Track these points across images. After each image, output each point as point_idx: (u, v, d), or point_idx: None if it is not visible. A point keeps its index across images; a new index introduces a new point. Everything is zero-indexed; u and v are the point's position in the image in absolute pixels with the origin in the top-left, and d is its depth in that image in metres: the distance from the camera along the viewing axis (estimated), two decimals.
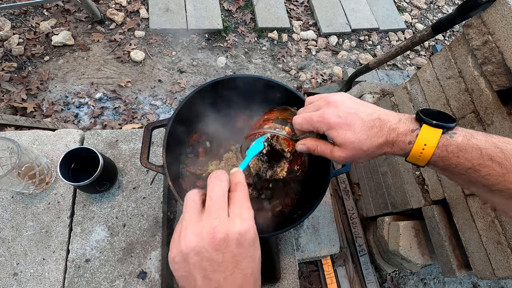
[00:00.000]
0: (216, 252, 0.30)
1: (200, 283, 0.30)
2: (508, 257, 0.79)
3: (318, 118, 0.41)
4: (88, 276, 0.72)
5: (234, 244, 0.30)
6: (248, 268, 0.31)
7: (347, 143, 0.39)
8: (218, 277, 0.30)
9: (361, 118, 0.38)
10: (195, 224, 0.31)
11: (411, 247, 1.12)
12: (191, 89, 1.76)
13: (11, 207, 0.76)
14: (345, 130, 0.39)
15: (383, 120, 0.38)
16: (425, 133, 0.36)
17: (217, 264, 0.30)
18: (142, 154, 0.66)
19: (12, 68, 1.55)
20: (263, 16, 2.09)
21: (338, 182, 1.50)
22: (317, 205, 0.65)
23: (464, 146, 0.35)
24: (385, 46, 2.30)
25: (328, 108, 0.41)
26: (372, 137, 0.38)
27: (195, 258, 0.30)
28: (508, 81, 0.78)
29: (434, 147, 0.36)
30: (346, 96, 0.42)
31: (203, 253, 0.30)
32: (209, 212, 0.32)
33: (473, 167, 0.35)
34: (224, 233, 0.30)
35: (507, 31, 0.76)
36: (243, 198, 0.34)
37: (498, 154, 0.33)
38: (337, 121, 0.39)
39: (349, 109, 0.39)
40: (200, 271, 0.30)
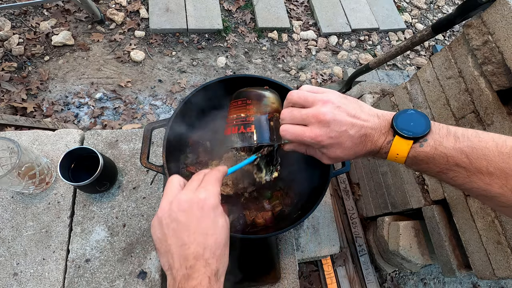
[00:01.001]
0: (181, 213, 0.37)
1: (170, 241, 0.37)
2: (508, 257, 0.79)
3: (311, 140, 0.41)
4: (88, 276, 0.72)
5: (196, 207, 0.37)
6: (209, 229, 0.37)
7: (337, 158, 0.43)
8: (182, 235, 0.37)
9: (351, 136, 0.40)
10: (170, 196, 0.39)
11: (411, 247, 1.12)
12: (191, 89, 1.76)
13: (11, 207, 0.76)
14: (336, 149, 0.41)
15: (368, 135, 0.40)
16: (397, 145, 0.39)
17: (182, 224, 0.37)
18: (142, 154, 0.66)
19: (12, 68, 1.55)
20: (263, 16, 2.09)
21: (338, 182, 1.50)
22: (317, 205, 0.65)
23: (432, 155, 0.38)
24: (385, 46, 2.30)
25: (320, 128, 0.40)
26: (357, 151, 0.41)
27: (167, 219, 0.38)
28: (508, 81, 0.78)
29: (405, 157, 0.39)
30: (335, 108, 0.40)
31: (172, 215, 0.38)
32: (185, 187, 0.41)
33: (441, 171, 0.38)
34: (189, 198, 0.38)
35: (507, 31, 0.76)
36: (211, 177, 0.41)
37: (464, 159, 0.36)
38: (329, 143, 0.40)
39: (340, 127, 0.40)
40: (170, 230, 0.37)
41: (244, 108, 0.52)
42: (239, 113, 0.52)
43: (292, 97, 0.44)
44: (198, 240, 0.36)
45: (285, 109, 0.45)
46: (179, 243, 0.36)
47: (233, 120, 0.52)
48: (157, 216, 0.38)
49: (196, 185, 0.40)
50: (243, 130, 0.50)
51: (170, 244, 0.37)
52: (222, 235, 0.38)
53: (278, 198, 0.79)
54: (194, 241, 0.36)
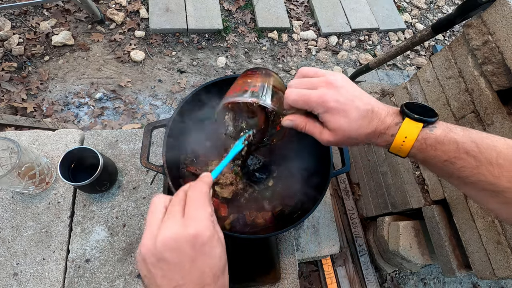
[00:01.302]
0: (170, 253, 0.31)
1: (160, 281, 0.31)
2: (508, 257, 0.79)
3: (317, 99, 0.39)
4: (88, 276, 0.72)
5: (186, 245, 0.31)
6: (206, 266, 0.32)
7: (340, 130, 0.39)
8: (175, 275, 0.31)
9: (358, 107, 0.38)
10: (153, 228, 0.33)
11: (411, 247, 1.12)
12: (191, 89, 1.76)
13: (11, 207, 0.76)
14: (341, 116, 0.39)
15: (375, 112, 0.39)
16: (407, 127, 0.37)
17: (173, 264, 0.31)
18: (142, 154, 0.66)
19: (12, 68, 1.55)
20: (263, 16, 2.09)
21: (338, 182, 1.50)
22: (317, 205, 0.65)
23: (442, 139, 0.36)
24: (385, 46, 2.30)
25: (328, 90, 0.39)
26: (362, 127, 0.39)
27: (151, 259, 0.32)
28: (508, 81, 0.78)
29: (414, 140, 0.37)
30: (345, 79, 0.40)
31: (157, 254, 0.31)
32: (167, 214, 0.34)
33: (449, 159, 0.36)
34: (175, 235, 0.31)
35: (507, 31, 0.76)
36: (196, 196, 0.35)
37: (474, 148, 0.35)
38: (335, 106, 0.38)
39: (348, 94, 0.39)
40: (159, 270, 0.32)
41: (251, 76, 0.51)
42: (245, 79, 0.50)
43: (302, 69, 0.43)
44: (194, 280, 0.32)
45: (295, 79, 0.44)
46: (172, 284, 0.31)
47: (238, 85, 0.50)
48: (141, 253, 0.32)
49: (179, 210, 0.34)
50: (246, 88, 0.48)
51: (160, 285, 0.31)
52: (220, 266, 0.34)
53: (278, 198, 0.79)
54: (190, 282, 0.31)
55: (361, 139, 0.40)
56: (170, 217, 0.33)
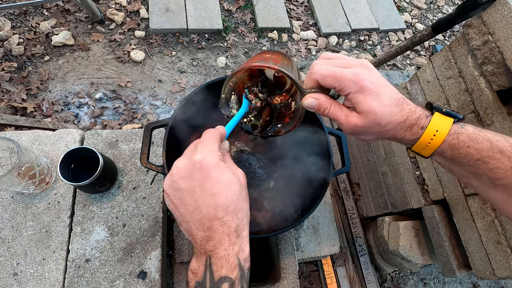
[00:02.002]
0: (182, 180, 0.37)
1: (181, 211, 0.37)
2: (508, 257, 0.79)
3: (351, 76, 0.36)
4: (88, 276, 0.72)
5: (195, 171, 0.36)
6: (214, 188, 0.36)
7: (370, 113, 0.36)
8: (189, 201, 0.36)
9: (390, 93, 0.37)
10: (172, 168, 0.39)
11: (411, 247, 1.12)
12: (191, 89, 1.76)
13: (11, 207, 0.76)
14: (374, 98, 0.36)
15: (406, 101, 0.37)
16: (437, 120, 0.36)
17: (186, 191, 0.36)
18: (142, 154, 0.66)
19: (12, 68, 1.55)
20: (263, 16, 2.09)
21: (338, 182, 1.50)
22: (317, 205, 0.65)
23: (475, 137, 0.35)
24: (385, 46, 2.30)
25: (362, 69, 0.37)
26: (394, 114, 0.36)
27: (171, 191, 0.38)
28: (508, 81, 0.78)
29: (446, 133, 0.35)
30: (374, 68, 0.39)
31: (173, 185, 0.37)
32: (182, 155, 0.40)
33: (482, 158, 0.34)
34: (186, 164, 0.37)
35: (507, 31, 0.76)
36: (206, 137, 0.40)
37: (509, 148, 0.33)
38: (369, 86, 0.36)
39: (381, 79, 0.37)
40: (178, 200, 0.37)
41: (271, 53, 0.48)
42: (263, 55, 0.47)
43: (327, 53, 0.41)
44: (206, 202, 0.35)
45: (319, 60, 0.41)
46: (189, 209, 0.36)
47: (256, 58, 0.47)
48: (164, 189, 0.38)
49: (192, 149, 0.39)
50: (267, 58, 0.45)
51: (182, 213, 0.37)
52: (232, 190, 0.37)
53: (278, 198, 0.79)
54: (203, 204, 0.35)
55: (389, 128, 0.37)
56: (184, 155, 0.39)
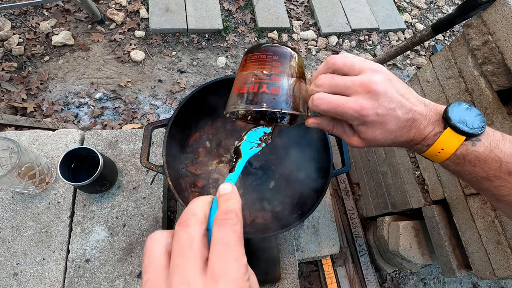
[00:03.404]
0: None
1: None
2: (508, 257, 0.79)
3: (354, 113, 0.33)
4: (88, 276, 0.72)
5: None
6: None
7: (372, 141, 0.35)
8: None
9: (398, 116, 0.33)
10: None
11: (411, 247, 1.12)
12: (191, 89, 1.76)
13: (11, 207, 0.76)
14: (377, 129, 0.34)
15: (416, 121, 0.34)
16: (446, 138, 0.33)
17: None
18: (142, 154, 0.66)
19: (12, 68, 1.55)
20: (263, 16, 2.09)
21: (338, 182, 1.50)
22: (317, 205, 0.65)
23: (485, 157, 0.33)
24: (385, 46, 2.30)
25: (368, 100, 0.32)
26: (398, 137, 0.35)
27: None
28: (508, 81, 0.78)
29: (450, 154, 0.34)
30: (387, 78, 0.34)
31: None
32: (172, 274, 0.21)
33: (487, 176, 0.33)
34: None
35: (507, 31, 0.76)
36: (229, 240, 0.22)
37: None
38: (374, 120, 0.33)
39: (389, 103, 0.33)
40: None
41: (269, 64, 0.39)
42: (261, 69, 0.39)
43: (334, 61, 0.36)
44: None
45: (324, 75, 0.36)
46: None
47: (251, 76, 0.39)
48: None
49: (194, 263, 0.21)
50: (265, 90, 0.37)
51: None
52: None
53: (278, 198, 0.79)
54: None
55: (393, 145, 0.37)
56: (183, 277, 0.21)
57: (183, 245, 0.22)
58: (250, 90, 0.38)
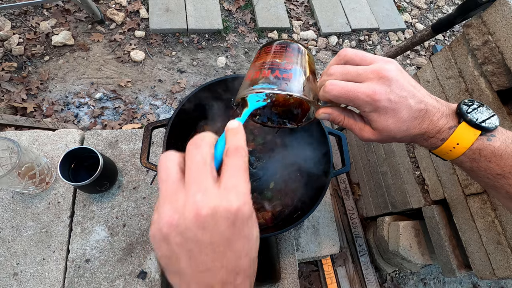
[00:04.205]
0: (202, 231, 0.24)
1: (184, 264, 0.25)
2: (508, 257, 0.79)
3: (366, 97, 0.33)
4: (88, 276, 0.72)
5: (224, 223, 0.24)
6: (243, 250, 0.26)
7: (385, 130, 0.35)
8: (206, 259, 0.25)
9: (410, 105, 0.33)
10: (173, 198, 0.25)
11: (411, 247, 1.12)
12: (191, 89, 1.76)
13: (11, 207, 0.76)
14: (390, 117, 0.34)
15: (428, 112, 0.34)
16: (461, 132, 0.33)
17: (205, 246, 0.25)
18: (142, 154, 0.66)
19: (12, 68, 1.55)
20: (263, 16, 2.09)
21: (338, 182, 1.50)
22: (317, 205, 0.65)
23: (500, 152, 0.32)
24: (385, 46, 2.30)
25: (380, 86, 0.33)
26: (411, 128, 0.35)
27: (177, 238, 0.25)
28: (508, 81, 0.78)
29: (466, 148, 0.33)
30: (399, 70, 0.34)
31: (186, 233, 0.24)
32: (189, 184, 0.25)
33: (503, 173, 0.33)
34: (211, 208, 0.24)
35: (507, 31, 0.76)
36: (240, 166, 0.26)
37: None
38: (386, 106, 0.33)
39: (402, 90, 0.33)
40: (185, 252, 0.25)
41: (281, 54, 0.42)
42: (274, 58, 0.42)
43: (346, 52, 0.36)
44: (228, 265, 0.26)
45: (335, 65, 0.37)
46: (199, 268, 0.25)
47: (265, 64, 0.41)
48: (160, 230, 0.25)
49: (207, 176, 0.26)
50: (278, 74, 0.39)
51: (184, 267, 0.25)
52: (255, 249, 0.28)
53: (278, 198, 0.79)
54: (223, 267, 0.26)
55: (406, 140, 0.36)
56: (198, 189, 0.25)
57: (198, 161, 0.26)
58: (263, 76, 0.39)
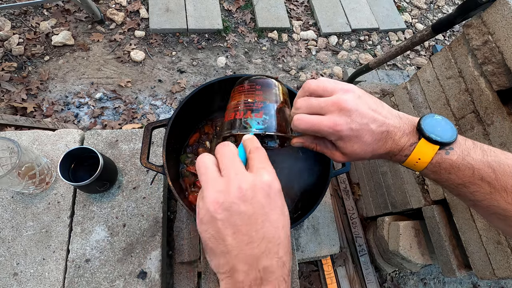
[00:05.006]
0: (244, 203, 0.29)
1: (231, 240, 0.29)
2: (508, 257, 0.79)
3: (329, 129, 0.36)
4: (88, 276, 0.72)
5: (261, 194, 0.30)
6: (279, 221, 0.30)
7: (352, 154, 0.39)
8: (249, 230, 0.29)
9: (372, 130, 0.37)
10: (215, 183, 0.30)
11: (411, 247, 1.12)
12: (191, 89, 1.76)
13: (11, 207, 0.76)
14: (354, 142, 0.37)
15: (390, 133, 0.37)
16: (421, 148, 0.37)
17: (248, 217, 0.29)
18: (142, 154, 0.66)
19: (12, 68, 1.55)
20: (263, 16, 2.09)
21: (338, 182, 1.50)
22: (317, 205, 0.65)
23: (458, 165, 0.35)
24: (385, 46, 2.30)
25: (340, 117, 0.36)
26: (376, 149, 0.38)
27: (223, 214, 0.29)
28: (508, 81, 0.78)
29: (427, 162, 0.37)
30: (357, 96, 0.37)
31: (232, 207, 0.29)
32: (227, 171, 0.31)
33: (463, 183, 0.36)
34: (251, 183, 0.30)
35: (507, 31, 0.76)
36: (264, 156, 0.33)
37: (490, 174, 0.34)
38: (349, 134, 0.37)
39: (362, 119, 0.36)
40: (230, 227, 0.29)
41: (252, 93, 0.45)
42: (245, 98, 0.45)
43: (309, 85, 0.40)
44: (269, 235, 0.29)
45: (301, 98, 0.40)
46: (245, 240, 0.28)
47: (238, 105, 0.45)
48: (208, 210, 0.29)
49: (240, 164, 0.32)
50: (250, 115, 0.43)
51: (231, 243, 0.29)
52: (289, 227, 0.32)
53: None
54: (264, 238, 0.29)
55: (374, 158, 0.40)
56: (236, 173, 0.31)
57: (228, 154, 0.33)
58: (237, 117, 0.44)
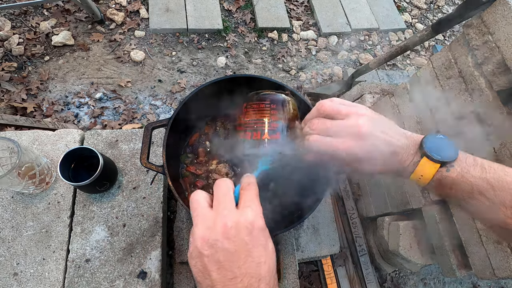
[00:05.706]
0: (228, 241, 0.32)
1: (215, 275, 0.31)
2: (508, 257, 0.79)
3: (344, 152, 0.39)
4: (88, 276, 0.72)
5: (244, 232, 0.32)
6: (261, 256, 0.33)
7: (362, 172, 0.42)
8: (231, 266, 0.31)
9: (382, 152, 0.39)
10: (205, 219, 0.34)
11: (411, 247, 1.12)
12: (191, 89, 1.76)
13: (11, 207, 0.76)
14: (365, 164, 0.40)
15: (397, 154, 0.40)
16: (423, 166, 0.39)
17: (231, 254, 0.31)
18: (142, 154, 0.66)
19: (12, 68, 1.55)
20: (263, 16, 2.09)
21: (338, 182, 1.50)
22: (317, 205, 0.65)
23: (458, 181, 0.38)
24: (385, 46, 2.30)
25: (356, 141, 0.38)
26: (384, 169, 0.41)
27: (209, 250, 0.32)
28: (508, 81, 0.78)
29: (429, 179, 0.39)
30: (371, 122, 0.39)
31: (216, 244, 0.32)
32: (217, 206, 0.34)
33: (463, 198, 0.38)
34: (234, 221, 0.32)
35: (507, 31, 0.76)
36: (253, 194, 0.36)
37: (489, 190, 0.36)
38: (362, 157, 0.39)
39: (374, 141, 0.39)
40: (215, 263, 0.31)
41: (268, 112, 0.47)
42: (261, 117, 0.47)
43: (324, 107, 0.42)
44: (250, 271, 0.31)
45: (316, 119, 0.42)
46: (228, 276, 0.31)
47: (254, 124, 0.47)
48: (195, 246, 0.32)
49: (231, 201, 0.35)
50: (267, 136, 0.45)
51: (215, 278, 0.31)
52: (273, 261, 0.34)
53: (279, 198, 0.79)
54: (246, 274, 0.31)
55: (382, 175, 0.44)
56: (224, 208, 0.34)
57: (223, 190, 0.36)
58: (254, 138, 0.46)
